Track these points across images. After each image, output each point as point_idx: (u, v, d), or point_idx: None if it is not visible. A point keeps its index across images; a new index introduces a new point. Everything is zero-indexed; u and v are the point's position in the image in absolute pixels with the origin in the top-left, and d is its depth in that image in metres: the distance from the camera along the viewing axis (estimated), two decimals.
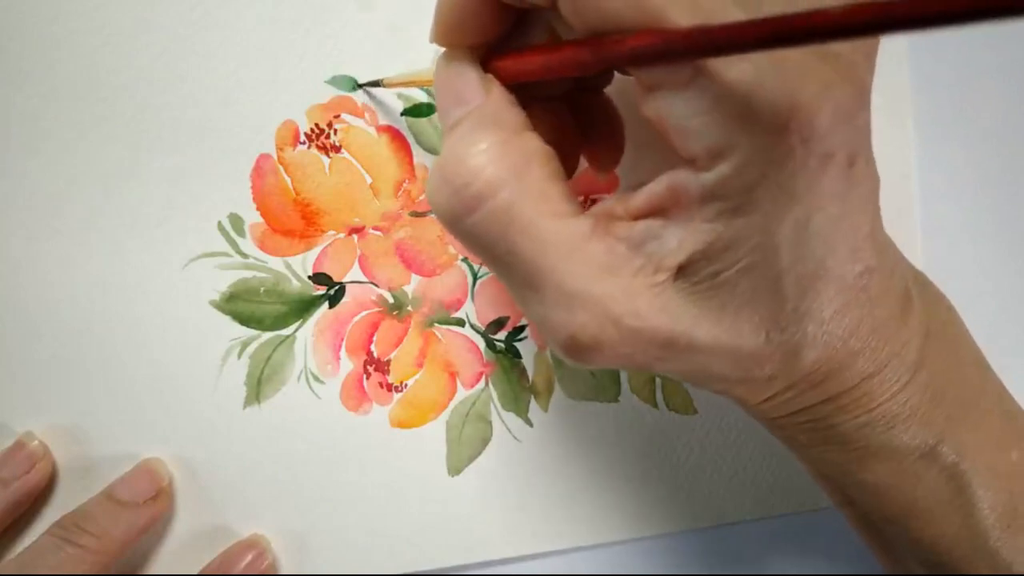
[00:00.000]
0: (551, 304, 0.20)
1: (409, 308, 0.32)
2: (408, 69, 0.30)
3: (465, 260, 0.32)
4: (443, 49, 0.23)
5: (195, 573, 0.31)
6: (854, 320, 0.21)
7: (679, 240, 0.19)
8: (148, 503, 0.31)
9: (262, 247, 0.32)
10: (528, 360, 0.33)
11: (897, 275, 0.22)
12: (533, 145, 0.20)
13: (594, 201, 0.32)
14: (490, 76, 0.22)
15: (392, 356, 0.32)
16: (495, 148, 0.20)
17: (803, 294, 0.20)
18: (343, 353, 0.32)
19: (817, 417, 0.22)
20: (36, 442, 0.31)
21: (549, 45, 0.22)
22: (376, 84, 0.31)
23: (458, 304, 0.32)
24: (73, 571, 0.28)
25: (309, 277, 0.32)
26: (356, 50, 0.31)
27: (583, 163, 0.26)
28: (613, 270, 0.20)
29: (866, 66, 0.19)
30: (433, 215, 0.31)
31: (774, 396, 0.22)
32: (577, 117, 0.25)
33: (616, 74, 0.24)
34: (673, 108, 0.18)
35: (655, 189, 0.20)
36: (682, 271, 0.20)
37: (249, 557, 0.31)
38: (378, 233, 0.32)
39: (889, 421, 0.22)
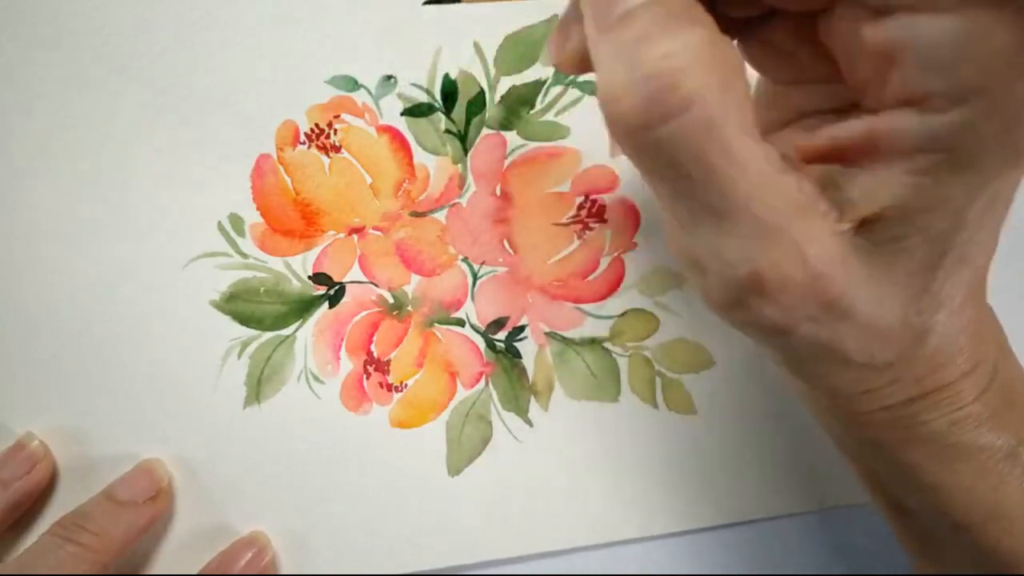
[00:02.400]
0: (737, 235, 0.18)
1: (409, 308, 0.32)
2: None
3: (465, 260, 0.32)
4: None
5: (195, 573, 0.31)
6: (969, 315, 0.20)
7: (871, 192, 0.18)
8: (148, 503, 0.31)
9: (262, 247, 0.32)
10: (528, 360, 0.33)
11: None
12: (735, 55, 0.18)
13: (594, 202, 0.32)
14: None
15: (392, 356, 0.32)
16: (705, 49, 0.17)
17: (949, 277, 0.19)
18: (343, 353, 0.32)
19: (909, 413, 0.21)
20: (36, 442, 0.31)
21: None
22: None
23: (458, 304, 0.32)
24: (73, 570, 0.28)
25: (309, 277, 0.32)
26: (356, 50, 0.31)
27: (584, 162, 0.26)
28: (805, 209, 0.18)
29: None
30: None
31: (879, 388, 0.21)
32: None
33: None
34: (922, 35, 0.16)
35: (849, 133, 0.18)
36: (866, 226, 0.18)
37: (249, 555, 0.31)
38: (378, 233, 0.32)
39: (975, 420, 0.21)
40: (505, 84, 0.31)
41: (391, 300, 0.32)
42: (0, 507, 0.29)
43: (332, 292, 0.32)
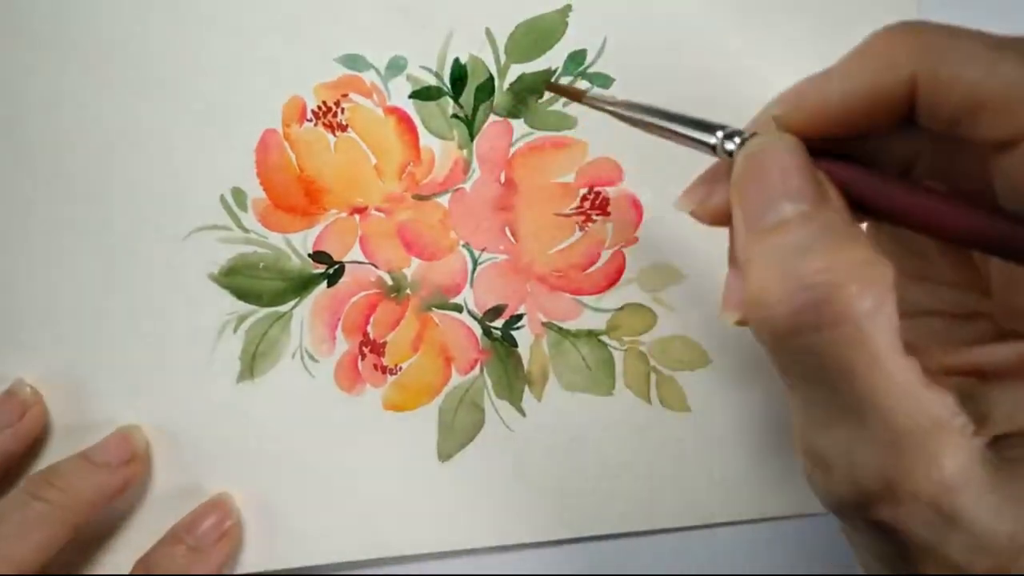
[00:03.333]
0: (877, 441, 0.18)
1: (408, 291, 0.32)
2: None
3: (466, 246, 0.32)
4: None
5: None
6: None
7: (1011, 411, 0.18)
8: (121, 466, 0.31)
9: (264, 222, 0.32)
10: (524, 349, 0.32)
11: None
12: (891, 274, 0.18)
13: (598, 194, 0.32)
14: (824, 178, 0.20)
15: (388, 338, 0.32)
16: (863, 269, 0.18)
17: None
18: (339, 333, 0.32)
19: None
20: (28, 389, 0.31)
21: (913, 187, 0.20)
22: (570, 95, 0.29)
23: (457, 289, 0.32)
24: (39, 528, 0.28)
25: (309, 255, 0.32)
26: (367, 29, 0.31)
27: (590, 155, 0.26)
28: (943, 423, 0.18)
29: None
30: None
31: None
32: None
33: None
34: None
35: (998, 354, 0.18)
36: (999, 441, 0.19)
37: (213, 518, 0.31)
38: (380, 214, 0.32)
39: None
40: (515, 71, 0.31)
41: (390, 282, 0.32)
42: None
43: (331, 271, 0.32)
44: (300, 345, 0.32)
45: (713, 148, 0.22)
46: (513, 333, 0.32)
